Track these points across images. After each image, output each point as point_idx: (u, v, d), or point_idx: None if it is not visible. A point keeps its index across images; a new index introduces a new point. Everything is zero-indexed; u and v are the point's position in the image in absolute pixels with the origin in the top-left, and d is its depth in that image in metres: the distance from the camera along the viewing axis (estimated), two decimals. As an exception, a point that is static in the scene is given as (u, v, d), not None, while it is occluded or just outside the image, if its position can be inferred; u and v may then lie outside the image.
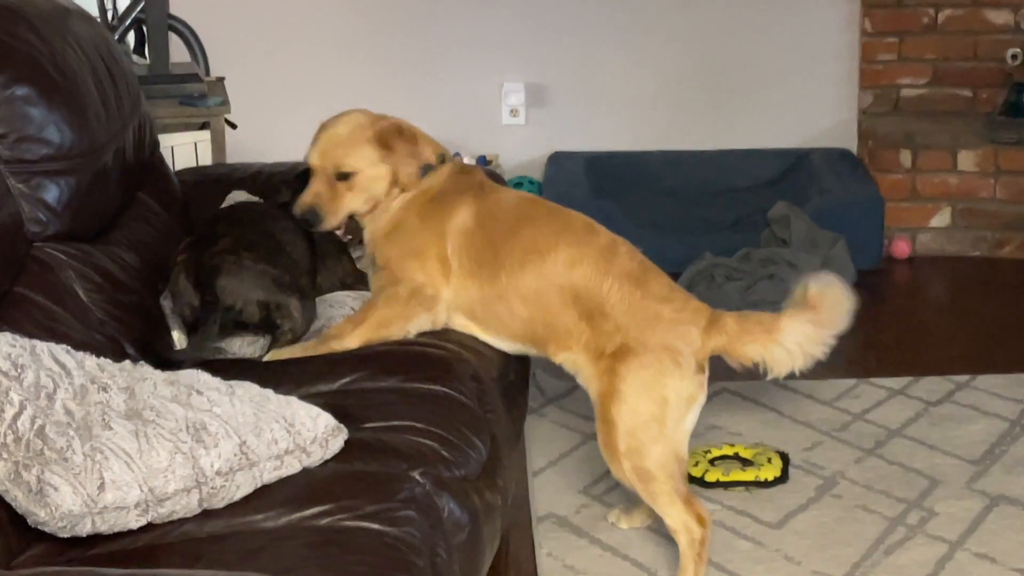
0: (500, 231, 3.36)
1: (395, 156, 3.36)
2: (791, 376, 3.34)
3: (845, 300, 3.31)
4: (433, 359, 3.14)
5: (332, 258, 3.57)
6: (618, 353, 3.27)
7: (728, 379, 3.34)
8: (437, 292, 3.33)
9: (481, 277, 3.33)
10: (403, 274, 3.32)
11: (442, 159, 3.45)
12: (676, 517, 3.32)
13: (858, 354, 4.81)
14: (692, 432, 3.34)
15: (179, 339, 3.29)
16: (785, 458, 3.96)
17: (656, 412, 3.26)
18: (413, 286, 3.30)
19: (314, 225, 3.35)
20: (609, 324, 3.29)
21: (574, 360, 3.35)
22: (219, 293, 3.22)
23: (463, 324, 3.37)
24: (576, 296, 3.30)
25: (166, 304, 3.35)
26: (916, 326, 5.06)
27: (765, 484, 3.87)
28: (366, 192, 3.36)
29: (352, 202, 3.36)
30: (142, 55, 5.40)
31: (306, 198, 3.35)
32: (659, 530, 3.61)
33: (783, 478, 3.90)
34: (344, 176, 3.35)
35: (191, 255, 3.32)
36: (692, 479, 3.87)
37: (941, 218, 5.72)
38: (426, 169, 3.40)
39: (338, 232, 3.41)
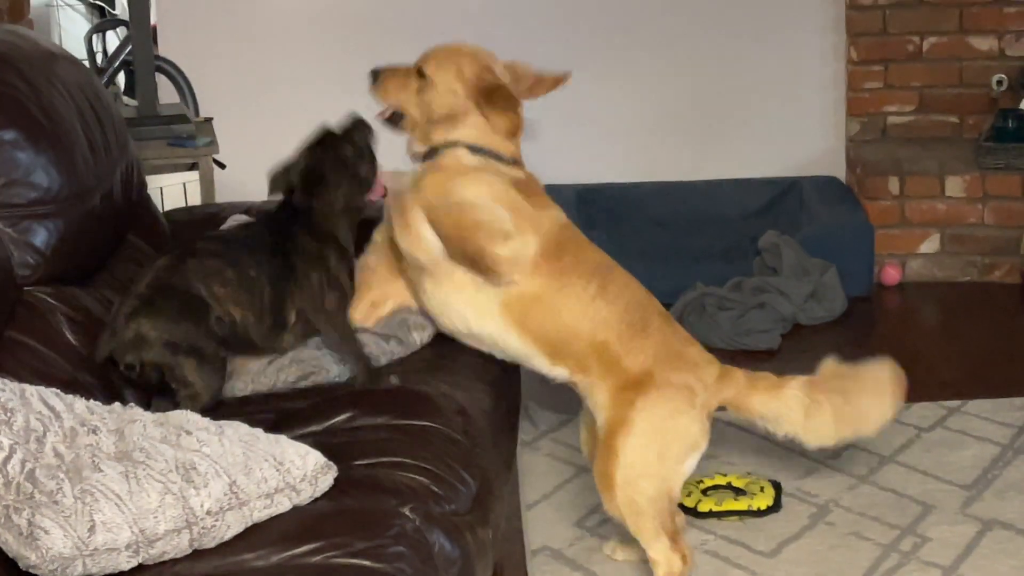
0: (571, 242, 3.41)
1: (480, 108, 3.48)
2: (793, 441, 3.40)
3: (883, 387, 3.47)
4: (420, 396, 3.14)
5: (312, 271, 3.43)
6: (640, 385, 3.29)
7: (720, 408, 3.38)
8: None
9: (542, 274, 3.35)
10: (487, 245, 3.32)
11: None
12: (659, 550, 3.35)
13: (850, 381, 4.82)
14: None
15: None
16: (778, 487, 3.97)
17: (661, 449, 3.30)
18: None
19: (372, 82, 3.60)
20: (642, 351, 3.34)
21: (590, 384, 3.38)
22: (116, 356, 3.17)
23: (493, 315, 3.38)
24: (622, 320, 3.34)
25: None
26: (907, 352, 5.04)
27: (758, 513, 3.88)
28: (429, 104, 3.48)
29: (409, 99, 3.53)
30: (132, 96, 5.43)
31: (384, 66, 3.54)
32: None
33: (776, 507, 3.91)
34: (422, 75, 3.50)
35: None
36: (685, 509, 3.88)
37: (930, 244, 5.73)
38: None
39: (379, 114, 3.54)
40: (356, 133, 3.54)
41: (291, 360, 3.32)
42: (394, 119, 3.55)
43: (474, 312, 3.37)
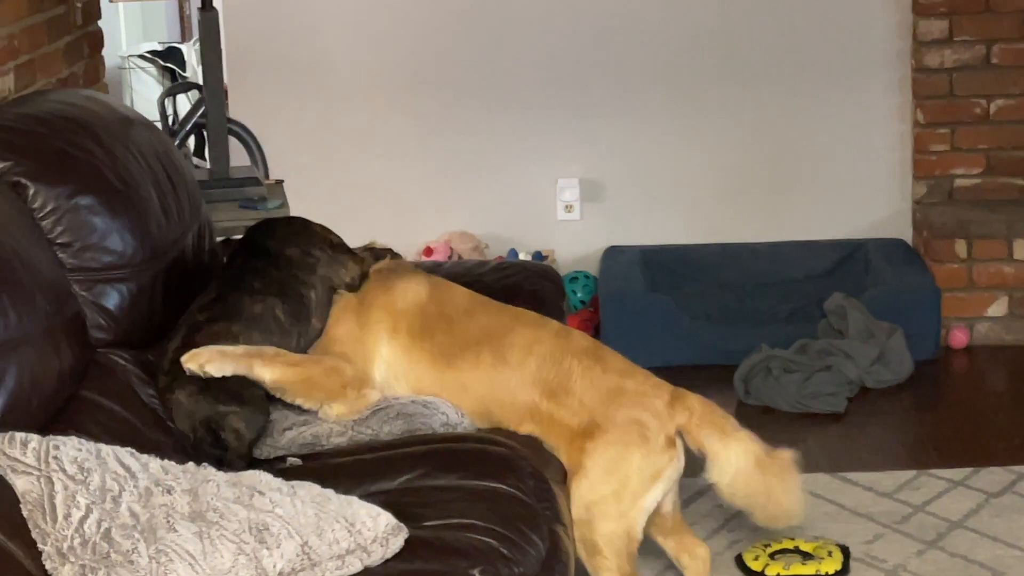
0: (438, 318, 3.45)
1: None
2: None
3: (792, 482, 3.41)
4: (492, 456, 3.16)
5: (324, 266, 3.52)
6: (587, 430, 3.32)
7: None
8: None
9: (421, 359, 3.41)
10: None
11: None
12: None
13: (918, 445, 4.80)
14: (751, 524, 3.36)
15: None
16: (846, 551, 3.95)
17: (615, 490, 3.32)
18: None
19: None
20: (574, 401, 3.35)
21: (540, 437, 3.39)
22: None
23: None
24: (537, 381, 3.35)
25: None
26: (975, 416, 5.04)
27: (826, 578, 3.86)
28: None
29: None
30: (202, 158, 5.50)
31: None
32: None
33: (844, 571, 3.89)
34: None
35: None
36: (752, 573, 3.87)
37: (998, 307, 5.70)
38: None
39: None
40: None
41: (397, 413, 3.35)
42: None
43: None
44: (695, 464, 3.45)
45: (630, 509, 3.33)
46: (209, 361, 3.18)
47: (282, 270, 3.44)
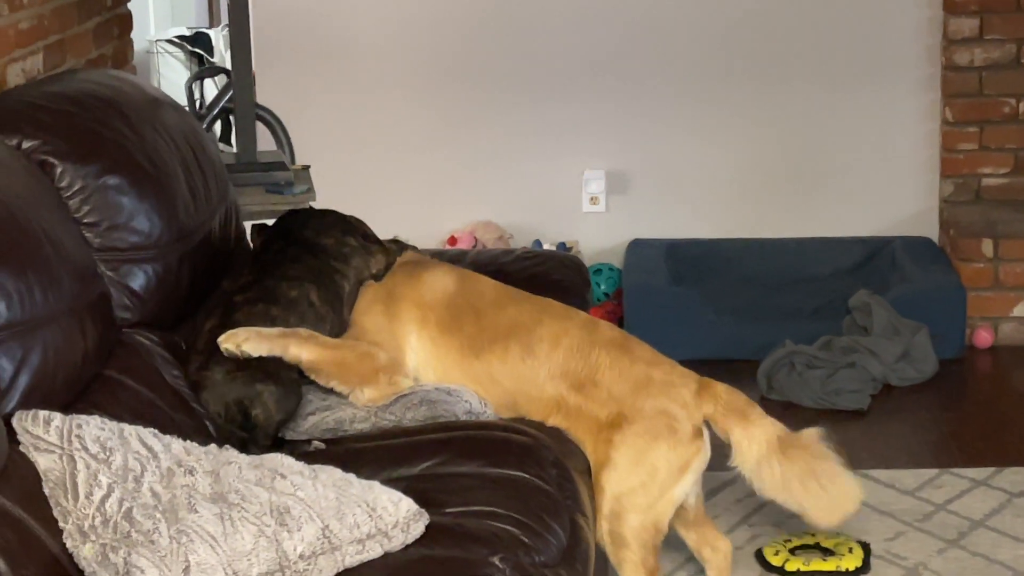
0: (467, 310, 3.45)
1: None
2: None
3: (829, 466, 3.36)
4: (514, 444, 3.15)
5: (358, 257, 3.55)
6: (615, 421, 3.30)
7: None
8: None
9: (449, 350, 3.41)
10: None
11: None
12: None
13: (940, 444, 4.78)
14: (773, 519, 3.34)
15: None
16: (866, 548, 3.94)
17: (644, 481, 3.31)
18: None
19: None
20: (602, 392, 3.34)
21: (571, 433, 3.38)
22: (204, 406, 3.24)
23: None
24: (565, 374, 3.35)
25: None
26: (999, 416, 5.01)
27: (847, 574, 3.84)
28: None
29: None
30: (228, 143, 5.50)
31: None
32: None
33: (865, 568, 3.87)
34: None
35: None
36: (772, 568, 3.86)
37: (1024, 307, 5.68)
38: None
39: None
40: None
41: (421, 399, 3.35)
42: None
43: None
44: (718, 457, 3.44)
45: (658, 501, 3.32)
46: (247, 341, 3.20)
47: (318, 258, 3.46)
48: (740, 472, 3.38)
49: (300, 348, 3.24)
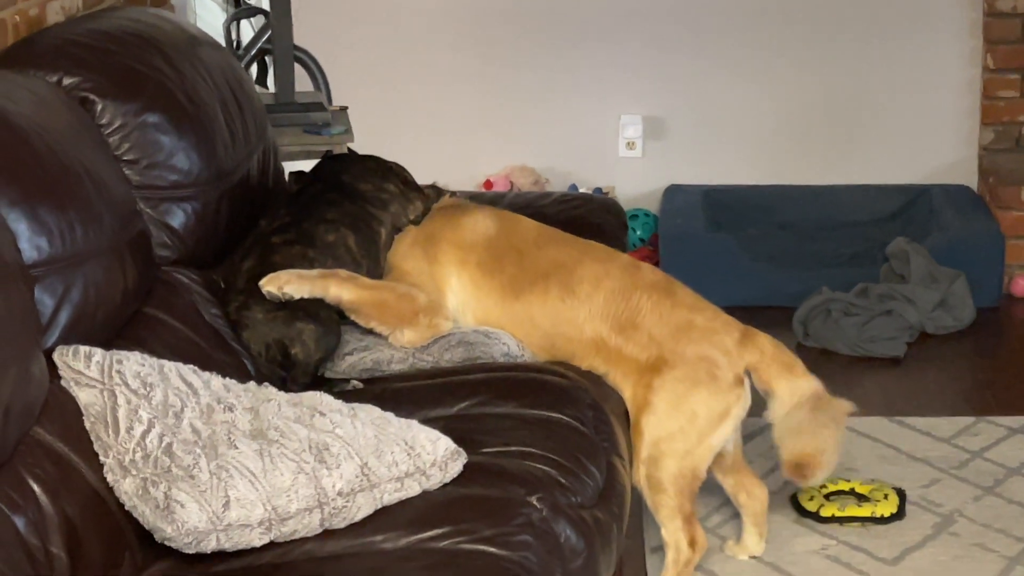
0: (508, 251, 3.45)
1: None
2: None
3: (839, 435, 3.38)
4: (551, 386, 3.16)
5: (396, 204, 3.56)
6: (655, 365, 3.30)
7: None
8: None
9: (490, 292, 3.42)
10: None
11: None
12: (672, 532, 3.37)
13: (977, 392, 4.77)
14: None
15: None
16: (902, 494, 3.93)
17: (682, 427, 3.31)
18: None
19: None
20: (642, 335, 3.34)
21: (609, 377, 3.39)
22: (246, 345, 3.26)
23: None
24: (606, 315, 3.34)
25: None
26: (1034, 364, 5.00)
27: (881, 520, 3.84)
28: None
29: None
30: (264, 85, 5.49)
31: None
32: (773, 563, 3.61)
33: (900, 515, 3.87)
34: None
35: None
36: (807, 513, 3.86)
37: (1062, 256, 5.64)
38: None
39: None
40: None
41: (459, 341, 3.35)
42: None
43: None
44: (756, 404, 3.43)
45: (697, 447, 3.32)
46: (288, 282, 3.21)
47: (356, 203, 3.47)
48: (769, 422, 3.38)
49: (341, 288, 3.25)
